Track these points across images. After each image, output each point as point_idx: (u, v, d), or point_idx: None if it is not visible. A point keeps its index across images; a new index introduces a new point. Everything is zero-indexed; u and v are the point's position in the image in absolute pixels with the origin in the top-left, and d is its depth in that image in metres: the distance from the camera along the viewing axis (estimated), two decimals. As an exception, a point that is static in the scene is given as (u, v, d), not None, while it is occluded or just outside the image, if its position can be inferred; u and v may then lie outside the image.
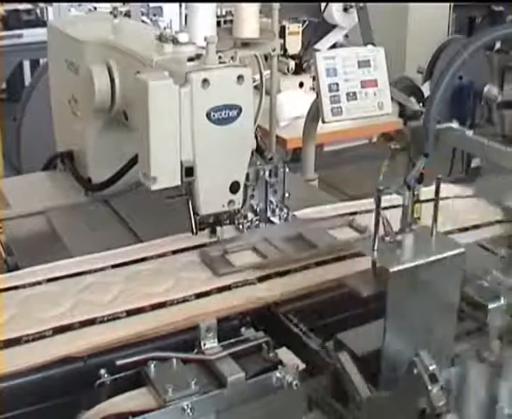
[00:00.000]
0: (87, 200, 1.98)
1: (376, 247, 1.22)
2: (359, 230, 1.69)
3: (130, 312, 1.37)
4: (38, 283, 1.46)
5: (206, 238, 1.59)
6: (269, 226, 1.69)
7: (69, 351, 1.26)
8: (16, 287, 1.44)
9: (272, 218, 1.71)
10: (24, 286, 1.44)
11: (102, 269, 1.51)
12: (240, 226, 1.65)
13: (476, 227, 1.75)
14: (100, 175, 1.94)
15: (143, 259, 1.56)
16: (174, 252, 1.59)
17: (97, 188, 1.95)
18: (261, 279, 1.50)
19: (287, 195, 1.71)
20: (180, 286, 1.46)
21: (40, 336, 1.29)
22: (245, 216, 1.66)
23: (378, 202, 1.22)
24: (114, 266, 1.53)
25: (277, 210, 1.71)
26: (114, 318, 1.35)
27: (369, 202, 1.81)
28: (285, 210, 1.72)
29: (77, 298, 1.41)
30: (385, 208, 1.23)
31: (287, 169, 1.70)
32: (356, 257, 1.53)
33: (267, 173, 1.67)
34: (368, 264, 1.35)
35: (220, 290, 1.46)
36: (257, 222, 1.68)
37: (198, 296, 1.43)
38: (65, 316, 1.35)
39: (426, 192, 1.32)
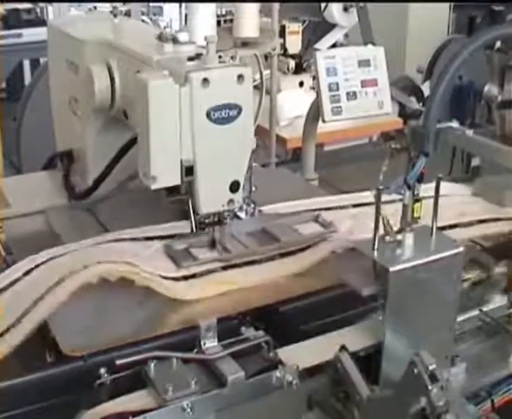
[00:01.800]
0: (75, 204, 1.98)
1: (376, 247, 1.22)
2: (324, 225, 1.71)
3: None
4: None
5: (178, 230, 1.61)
6: (235, 221, 1.69)
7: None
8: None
9: (238, 213, 1.71)
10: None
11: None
12: (206, 221, 1.63)
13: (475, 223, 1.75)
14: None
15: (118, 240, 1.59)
16: (146, 239, 1.61)
17: (80, 196, 1.94)
18: (225, 268, 1.54)
19: (254, 189, 1.72)
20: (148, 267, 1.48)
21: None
22: None
23: (378, 201, 1.22)
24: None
25: (244, 205, 1.72)
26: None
27: (337, 199, 1.86)
28: (251, 205, 1.73)
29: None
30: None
31: (254, 164, 1.70)
32: (317, 245, 1.60)
33: None
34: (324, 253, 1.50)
35: (186, 278, 1.49)
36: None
37: (165, 278, 1.47)
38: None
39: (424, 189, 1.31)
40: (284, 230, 1.66)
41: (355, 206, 1.81)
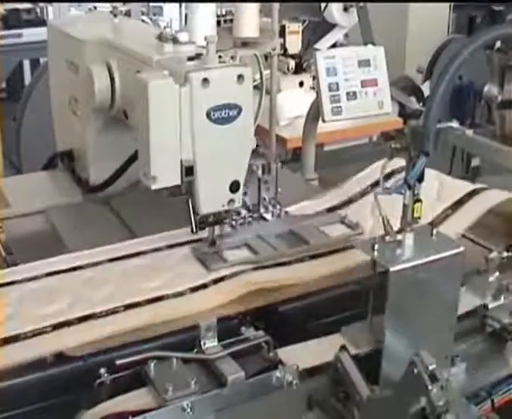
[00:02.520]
0: (87, 199, 1.98)
1: (376, 247, 1.22)
2: (351, 226, 1.70)
3: (128, 307, 1.38)
4: (36, 277, 1.46)
5: (205, 233, 1.59)
6: (262, 223, 1.70)
7: (68, 345, 1.26)
8: (13, 282, 1.45)
9: (264, 215, 1.71)
10: (21, 281, 1.45)
11: (99, 263, 1.53)
12: (233, 223, 1.65)
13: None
14: (99, 174, 1.94)
15: (139, 253, 1.57)
16: (169, 247, 1.60)
17: (95, 189, 1.95)
18: (255, 269, 1.52)
19: (279, 190, 1.71)
20: (175, 280, 1.47)
21: (39, 333, 1.29)
22: (238, 213, 1.66)
23: (378, 201, 1.22)
24: (110, 260, 1.54)
25: (270, 207, 1.71)
26: (112, 312, 1.36)
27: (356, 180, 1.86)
28: (277, 207, 1.72)
29: (75, 293, 1.41)
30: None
31: (280, 165, 1.71)
32: (348, 250, 1.58)
33: (260, 169, 1.66)
34: (358, 258, 1.43)
35: (215, 281, 1.47)
36: (250, 218, 1.68)
37: (193, 290, 1.44)
38: (63, 312, 1.35)
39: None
40: (312, 232, 1.66)
41: (372, 185, 1.81)
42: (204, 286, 1.46)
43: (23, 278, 1.46)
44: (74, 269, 1.51)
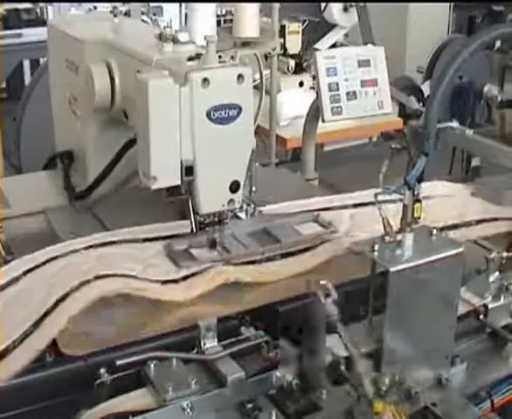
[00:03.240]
0: (74, 206, 1.97)
1: (376, 247, 1.22)
2: (324, 225, 1.71)
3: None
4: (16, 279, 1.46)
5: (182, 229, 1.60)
6: (235, 221, 1.67)
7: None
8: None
9: (238, 213, 1.70)
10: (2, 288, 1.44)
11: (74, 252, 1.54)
12: (224, 218, 1.63)
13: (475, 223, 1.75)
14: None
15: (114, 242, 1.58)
16: (145, 240, 1.61)
17: (80, 196, 1.94)
18: (226, 264, 1.54)
19: (254, 189, 1.71)
20: (147, 270, 1.48)
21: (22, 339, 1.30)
22: None
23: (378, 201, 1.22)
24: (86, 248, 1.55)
25: (244, 205, 1.70)
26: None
27: (338, 198, 1.85)
28: (252, 206, 1.72)
29: (51, 282, 1.42)
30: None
31: (256, 164, 1.71)
32: (319, 247, 1.61)
33: None
34: (329, 255, 1.53)
35: (185, 278, 1.49)
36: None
37: (163, 283, 1.47)
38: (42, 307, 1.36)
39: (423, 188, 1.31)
40: (284, 231, 1.66)
41: (355, 206, 1.81)
42: (175, 281, 1.48)
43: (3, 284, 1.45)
44: (51, 260, 1.51)
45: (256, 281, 1.51)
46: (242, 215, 1.71)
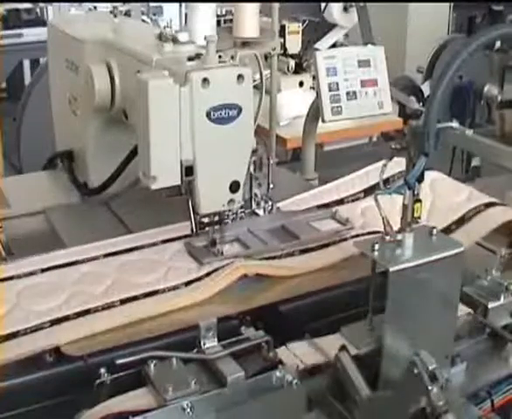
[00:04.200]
0: (86, 202, 1.98)
1: (376, 247, 1.22)
2: (341, 222, 1.73)
3: (124, 301, 1.39)
4: (33, 273, 1.47)
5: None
6: (253, 218, 1.70)
7: (66, 340, 1.27)
8: (11, 277, 1.45)
9: (256, 210, 1.73)
10: (19, 277, 1.46)
11: (95, 258, 1.54)
12: (225, 218, 1.65)
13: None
14: (99, 174, 1.94)
15: (135, 249, 1.59)
16: (164, 241, 1.62)
17: (93, 192, 1.95)
18: (247, 258, 1.55)
19: (271, 186, 1.73)
20: (169, 274, 1.49)
21: (37, 329, 1.30)
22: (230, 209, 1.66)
23: (378, 201, 1.22)
24: (105, 256, 1.56)
25: (262, 203, 1.73)
26: (108, 306, 1.37)
27: (350, 180, 1.88)
28: (269, 203, 1.74)
29: (71, 289, 1.42)
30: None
31: (272, 162, 1.72)
32: (338, 244, 1.62)
33: (252, 165, 1.66)
34: (348, 252, 1.53)
35: (208, 274, 1.49)
36: (242, 214, 1.68)
37: (187, 284, 1.47)
38: (61, 308, 1.36)
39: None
40: (302, 228, 1.69)
41: (365, 191, 1.84)
42: (199, 279, 1.48)
43: (20, 274, 1.47)
44: (71, 264, 1.51)
45: (275, 274, 1.53)
46: (260, 211, 1.73)
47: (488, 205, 1.73)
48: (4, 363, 1.22)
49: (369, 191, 1.84)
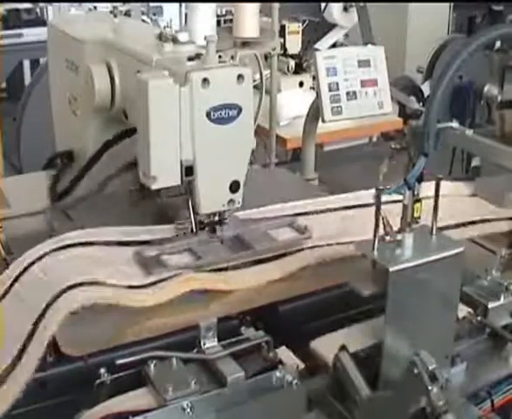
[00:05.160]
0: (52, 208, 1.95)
1: (376, 247, 1.22)
2: (299, 230, 1.64)
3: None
4: None
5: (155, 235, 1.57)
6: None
7: None
8: None
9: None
10: None
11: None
12: (180, 226, 1.59)
13: (473, 223, 1.75)
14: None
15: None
16: (119, 244, 1.56)
17: (59, 197, 1.91)
18: (197, 270, 1.49)
19: None
20: (115, 276, 1.43)
21: None
22: (187, 217, 1.60)
23: (378, 201, 1.22)
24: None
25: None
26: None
27: (312, 202, 1.80)
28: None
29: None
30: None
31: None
32: (295, 254, 1.56)
33: None
34: (305, 261, 1.49)
35: (154, 283, 1.44)
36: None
37: (131, 287, 1.41)
38: None
39: (424, 188, 1.31)
40: (258, 237, 1.60)
41: (337, 209, 1.77)
42: (142, 287, 1.42)
43: None
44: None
45: (224, 289, 1.47)
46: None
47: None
48: None
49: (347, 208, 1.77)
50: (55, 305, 1.32)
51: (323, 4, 4.27)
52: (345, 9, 4.23)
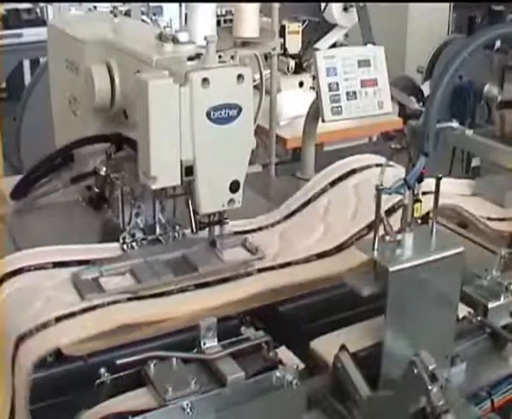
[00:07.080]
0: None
1: (376, 247, 1.22)
2: (251, 250, 1.59)
3: None
4: None
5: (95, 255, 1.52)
6: (155, 246, 1.59)
7: None
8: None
9: (160, 238, 1.61)
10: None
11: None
12: (125, 246, 1.56)
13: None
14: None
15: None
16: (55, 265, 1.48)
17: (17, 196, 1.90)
18: (130, 300, 1.40)
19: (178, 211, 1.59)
20: (45, 309, 1.33)
21: None
22: (133, 235, 1.58)
23: (378, 201, 1.22)
24: None
25: (168, 228, 1.60)
26: None
27: (264, 218, 1.76)
28: (177, 228, 1.61)
29: None
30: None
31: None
32: (241, 280, 1.49)
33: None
34: (250, 287, 1.42)
35: (84, 310, 1.34)
36: (143, 241, 1.58)
37: (58, 319, 1.31)
38: None
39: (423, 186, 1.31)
40: (204, 258, 1.53)
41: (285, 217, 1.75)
42: (72, 315, 1.32)
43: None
44: None
45: (156, 320, 1.36)
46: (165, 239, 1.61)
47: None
48: None
49: (289, 216, 1.76)
50: (17, 361, 1.26)
51: (323, 4, 4.27)
52: (345, 9, 4.23)
